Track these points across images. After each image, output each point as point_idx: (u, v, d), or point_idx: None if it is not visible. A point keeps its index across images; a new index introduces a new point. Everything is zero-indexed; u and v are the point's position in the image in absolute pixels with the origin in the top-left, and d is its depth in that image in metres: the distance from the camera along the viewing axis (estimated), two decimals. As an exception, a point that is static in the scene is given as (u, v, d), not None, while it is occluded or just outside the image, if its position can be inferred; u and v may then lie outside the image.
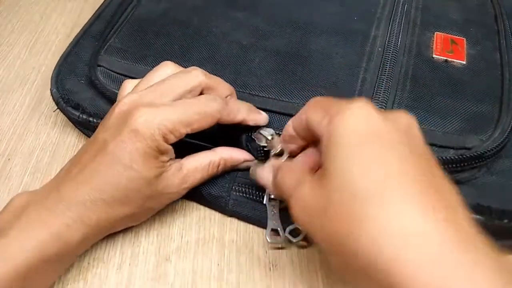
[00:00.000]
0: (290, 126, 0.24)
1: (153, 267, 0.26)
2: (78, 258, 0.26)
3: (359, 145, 0.18)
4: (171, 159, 0.24)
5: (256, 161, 0.28)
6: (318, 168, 0.22)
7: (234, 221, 0.28)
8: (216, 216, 0.28)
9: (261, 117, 0.27)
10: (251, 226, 0.28)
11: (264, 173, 0.25)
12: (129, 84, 0.27)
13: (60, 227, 0.22)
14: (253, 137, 0.27)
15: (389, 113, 0.20)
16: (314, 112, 0.21)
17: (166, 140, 0.23)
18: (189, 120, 0.23)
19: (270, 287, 0.25)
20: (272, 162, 0.25)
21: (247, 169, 0.27)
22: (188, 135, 0.24)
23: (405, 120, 0.19)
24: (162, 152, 0.23)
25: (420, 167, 0.17)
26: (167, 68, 0.26)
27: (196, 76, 0.25)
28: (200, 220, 0.28)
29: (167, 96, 0.24)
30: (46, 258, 0.21)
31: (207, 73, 0.26)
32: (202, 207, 0.29)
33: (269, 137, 0.26)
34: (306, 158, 0.23)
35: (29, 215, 0.22)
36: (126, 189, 0.23)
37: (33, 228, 0.22)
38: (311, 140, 0.23)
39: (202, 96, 0.25)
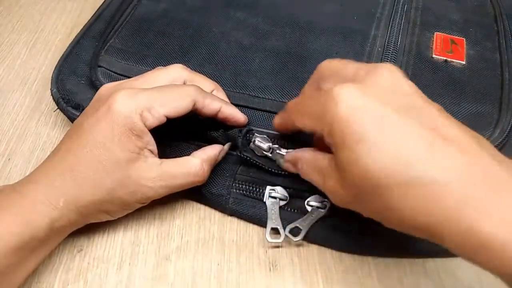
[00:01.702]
0: (275, 122, 0.26)
1: (153, 267, 0.26)
2: (78, 258, 0.26)
3: (359, 135, 0.18)
4: (149, 150, 0.24)
5: (227, 144, 0.28)
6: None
7: (234, 221, 0.28)
8: (216, 216, 0.28)
9: (240, 114, 0.27)
10: (251, 226, 0.28)
11: (290, 167, 0.25)
12: None
13: (26, 211, 0.22)
14: (251, 149, 0.27)
15: (367, 79, 0.20)
16: (302, 119, 0.22)
17: (143, 119, 0.23)
18: (166, 99, 0.24)
19: (270, 287, 0.25)
20: (289, 156, 0.25)
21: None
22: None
23: (388, 79, 0.20)
24: (138, 134, 0.23)
25: (422, 129, 0.18)
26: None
27: (177, 68, 0.27)
28: (200, 220, 0.28)
29: (148, 84, 0.25)
30: (15, 245, 0.21)
31: (189, 69, 0.27)
32: (202, 207, 0.29)
33: (267, 148, 0.26)
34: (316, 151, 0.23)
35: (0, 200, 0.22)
36: (97, 169, 0.23)
37: (3, 214, 0.21)
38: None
39: (180, 84, 0.26)
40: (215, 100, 0.26)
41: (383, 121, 0.18)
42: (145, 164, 0.24)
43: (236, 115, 0.27)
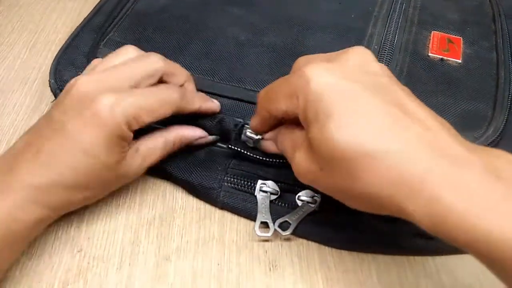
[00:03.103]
0: (254, 123, 0.26)
1: (153, 267, 0.26)
2: (78, 258, 0.26)
3: (329, 109, 0.19)
4: (131, 142, 0.25)
5: (213, 136, 0.29)
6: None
7: (234, 221, 0.28)
8: (216, 216, 0.28)
9: (215, 105, 0.29)
10: (251, 225, 0.28)
11: (269, 146, 0.27)
12: (97, 63, 0.27)
13: (13, 211, 0.22)
14: (242, 140, 0.27)
15: (339, 59, 0.21)
16: (275, 104, 0.22)
17: (129, 127, 0.23)
18: (151, 107, 0.24)
19: (270, 287, 0.25)
20: (268, 136, 0.26)
21: (204, 144, 0.29)
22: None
23: (359, 60, 0.21)
24: (124, 139, 0.24)
25: (386, 106, 0.19)
26: (127, 52, 0.27)
27: (156, 62, 0.26)
28: (200, 220, 0.28)
29: (127, 80, 0.24)
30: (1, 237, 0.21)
31: (166, 58, 0.27)
32: (202, 207, 0.29)
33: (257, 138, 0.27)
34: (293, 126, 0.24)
35: None
36: (86, 175, 0.23)
37: None
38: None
39: (162, 85, 0.26)
40: (196, 102, 0.27)
41: (351, 97, 0.19)
42: (128, 157, 0.25)
43: (212, 109, 0.28)
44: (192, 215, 0.28)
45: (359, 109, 0.19)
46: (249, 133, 0.27)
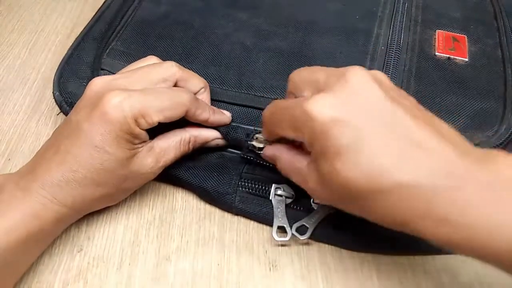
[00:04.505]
0: (264, 133, 0.26)
1: (153, 267, 0.26)
2: (78, 258, 0.26)
3: (336, 145, 0.19)
4: (144, 141, 0.25)
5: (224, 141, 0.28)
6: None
7: (234, 221, 0.28)
8: (216, 216, 0.28)
9: (226, 117, 0.28)
10: (251, 226, 0.28)
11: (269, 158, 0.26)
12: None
13: (34, 207, 0.22)
14: (249, 146, 0.27)
15: (338, 87, 0.20)
16: (281, 130, 0.23)
17: (138, 124, 0.23)
18: (160, 106, 0.24)
19: (270, 287, 0.25)
20: (269, 151, 0.26)
21: (217, 147, 0.28)
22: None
23: (357, 82, 0.20)
24: (134, 136, 0.24)
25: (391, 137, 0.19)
26: (148, 60, 0.28)
27: (170, 67, 0.26)
28: (200, 220, 0.28)
29: (141, 82, 0.25)
30: (23, 238, 0.22)
31: (181, 66, 0.27)
32: (202, 207, 0.28)
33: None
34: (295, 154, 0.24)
35: (3, 196, 0.23)
36: (99, 171, 0.23)
37: (7, 210, 0.22)
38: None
39: (174, 87, 0.26)
40: (205, 111, 0.27)
41: (357, 133, 0.19)
42: (141, 155, 0.25)
43: (222, 121, 0.28)
44: (192, 215, 0.28)
45: (366, 146, 0.19)
46: (255, 142, 0.27)
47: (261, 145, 0.26)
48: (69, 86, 0.32)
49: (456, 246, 0.18)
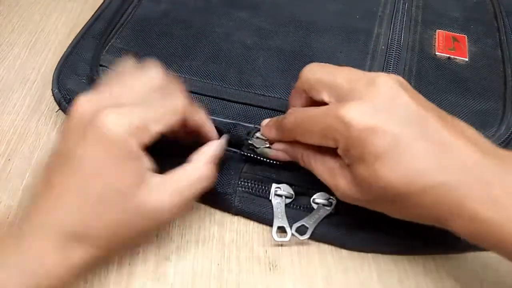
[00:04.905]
0: (272, 136, 0.26)
1: (153, 267, 0.26)
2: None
3: (373, 150, 0.20)
4: (149, 169, 0.22)
5: (225, 136, 0.27)
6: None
7: (234, 221, 0.28)
8: (216, 216, 0.28)
9: (214, 134, 0.26)
10: (251, 226, 0.28)
11: (280, 156, 0.26)
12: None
13: (35, 261, 0.20)
14: (250, 143, 0.27)
15: (369, 94, 0.21)
16: (307, 138, 0.23)
17: (138, 139, 0.21)
18: (156, 115, 0.22)
19: (270, 287, 0.25)
20: (281, 147, 0.26)
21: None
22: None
23: (386, 90, 0.21)
24: (134, 158, 0.21)
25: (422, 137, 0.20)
26: (126, 68, 0.25)
27: (155, 74, 0.24)
28: (200, 220, 0.28)
29: (129, 96, 0.23)
30: None
31: (165, 72, 0.25)
32: (202, 206, 0.28)
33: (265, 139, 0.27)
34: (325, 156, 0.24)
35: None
36: (101, 203, 0.20)
37: (4, 268, 0.20)
38: None
39: (166, 93, 0.24)
40: (203, 117, 0.25)
41: (394, 138, 0.20)
42: (151, 186, 0.21)
43: (212, 134, 0.26)
44: (192, 215, 0.28)
45: (404, 151, 0.20)
46: (258, 136, 0.27)
47: (262, 145, 0.26)
48: (67, 83, 0.32)
49: (487, 242, 0.19)
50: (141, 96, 0.23)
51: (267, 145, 0.27)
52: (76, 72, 0.33)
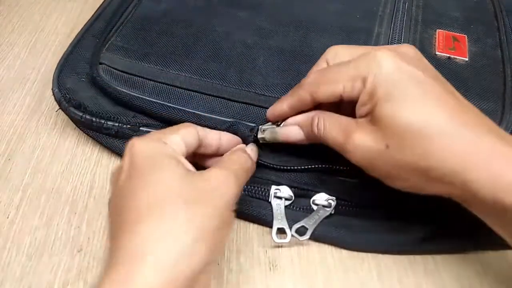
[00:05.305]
0: (283, 107, 0.26)
1: (153, 267, 0.26)
2: (78, 258, 0.26)
3: (402, 90, 0.21)
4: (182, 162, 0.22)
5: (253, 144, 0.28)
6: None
7: (234, 221, 0.28)
8: (216, 215, 0.28)
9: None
10: (251, 226, 0.28)
11: (291, 132, 0.26)
12: None
13: None
14: (259, 137, 0.27)
15: (400, 52, 0.22)
16: (332, 86, 0.23)
17: (171, 149, 0.22)
18: (173, 129, 0.23)
19: (270, 287, 0.25)
20: (293, 120, 0.26)
21: None
22: None
23: (414, 54, 0.23)
24: (175, 156, 0.22)
25: (448, 91, 0.21)
26: None
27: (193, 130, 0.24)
28: (200, 220, 0.28)
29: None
30: None
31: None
32: (202, 206, 0.28)
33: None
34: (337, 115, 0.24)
35: None
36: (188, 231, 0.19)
37: None
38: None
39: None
40: (212, 132, 0.26)
41: (422, 82, 0.21)
42: (208, 175, 0.22)
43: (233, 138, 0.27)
44: (192, 215, 0.28)
45: (430, 93, 0.21)
46: (265, 126, 0.27)
47: (272, 126, 0.26)
48: (67, 82, 0.32)
49: (506, 203, 0.19)
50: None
51: (279, 124, 0.26)
52: (76, 71, 0.33)
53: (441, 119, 0.20)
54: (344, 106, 0.25)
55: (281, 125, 0.26)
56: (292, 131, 0.26)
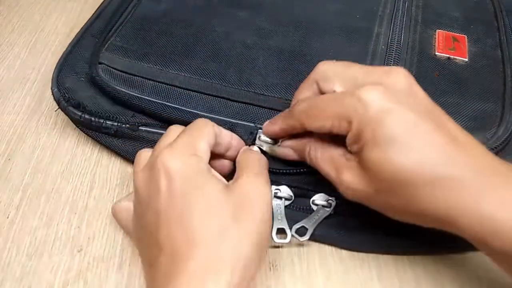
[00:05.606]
0: (275, 129, 0.26)
1: (153, 267, 0.26)
2: (78, 258, 0.26)
3: (389, 134, 0.20)
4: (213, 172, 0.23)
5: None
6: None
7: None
8: (216, 215, 0.28)
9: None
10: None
11: (288, 152, 0.26)
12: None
13: None
14: (256, 144, 0.27)
15: (385, 82, 0.21)
16: (318, 122, 0.22)
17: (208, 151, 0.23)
18: (199, 135, 0.23)
19: (270, 287, 0.25)
20: (288, 144, 0.26)
21: None
22: None
23: (403, 84, 0.21)
24: (204, 162, 0.22)
25: (438, 125, 0.20)
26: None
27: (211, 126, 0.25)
28: (200, 220, 0.28)
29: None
30: None
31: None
32: (202, 206, 0.28)
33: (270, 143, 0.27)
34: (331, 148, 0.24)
35: None
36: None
37: None
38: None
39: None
40: (223, 130, 0.26)
41: (410, 124, 0.20)
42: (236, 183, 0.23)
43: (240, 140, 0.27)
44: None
45: (418, 137, 0.20)
46: (263, 137, 0.27)
47: (269, 141, 0.27)
48: (66, 82, 0.32)
49: (491, 245, 0.18)
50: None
51: (273, 143, 0.27)
52: (75, 71, 0.33)
53: (427, 166, 0.19)
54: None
55: (279, 144, 0.26)
56: (288, 152, 0.26)
